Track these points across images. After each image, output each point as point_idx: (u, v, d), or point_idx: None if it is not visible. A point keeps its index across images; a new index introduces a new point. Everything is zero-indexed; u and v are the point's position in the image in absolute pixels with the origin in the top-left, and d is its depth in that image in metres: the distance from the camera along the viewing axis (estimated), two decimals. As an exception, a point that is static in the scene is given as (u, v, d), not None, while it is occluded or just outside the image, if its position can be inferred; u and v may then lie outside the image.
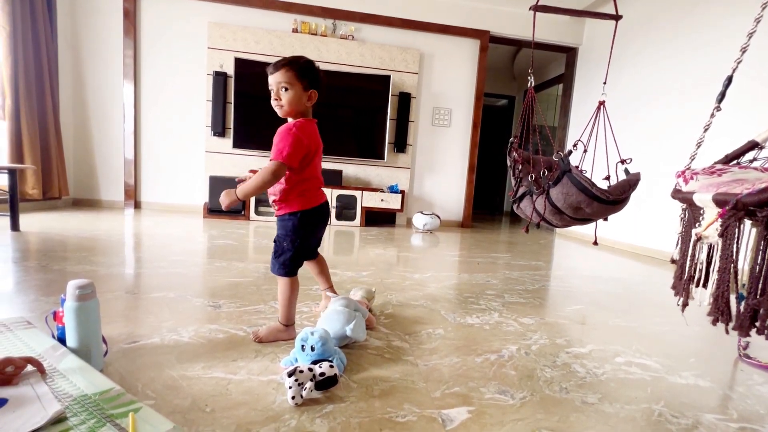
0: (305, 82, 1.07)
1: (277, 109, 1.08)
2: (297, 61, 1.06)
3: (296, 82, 1.06)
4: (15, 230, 2.38)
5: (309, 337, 0.95)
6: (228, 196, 1.05)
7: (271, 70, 1.06)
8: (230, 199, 1.05)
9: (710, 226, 0.95)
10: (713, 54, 2.75)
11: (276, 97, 1.07)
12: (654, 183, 2.97)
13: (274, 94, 1.07)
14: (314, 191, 1.15)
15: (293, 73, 1.05)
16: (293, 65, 1.05)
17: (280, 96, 1.06)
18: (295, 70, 1.05)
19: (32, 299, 1.32)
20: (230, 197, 1.05)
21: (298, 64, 1.06)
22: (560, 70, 4.70)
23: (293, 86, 1.05)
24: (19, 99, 3.04)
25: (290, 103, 1.06)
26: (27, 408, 0.65)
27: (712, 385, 1.06)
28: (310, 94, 1.10)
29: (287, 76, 1.05)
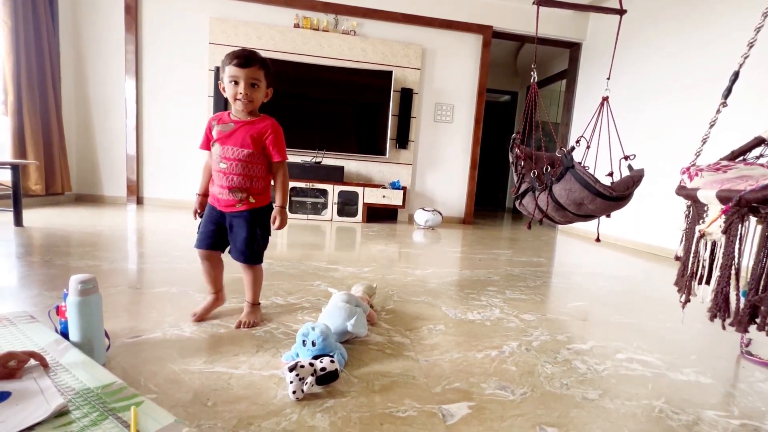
0: (269, 80, 1.12)
1: (243, 103, 1.09)
2: (264, 60, 1.11)
3: (263, 79, 1.10)
4: (18, 225, 2.39)
5: (310, 332, 0.96)
6: (284, 216, 1.17)
7: (242, 63, 1.06)
8: (286, 217, 1.18)
9: (714, 222, 0.94)
10: (718, 49, 2.72)
11: (245, 92, 1.07)
12: (658, 179, 2.95)
13: (242, 88, 1.07)
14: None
15: (264, 72, 1.09)
16: (264, 63, 1.09)
17: (248, 91, 1.08)
18: (265, 68, 1.10)
19: (35, 294, 1.33)
20: (285, 216, 1.18)
21: (266, 62, 1.11)
22: (563, 66, 4.66)
23: (261, 84, 1.10)
24: (21, 94, 3.04)
25: (258, 100, 1.11)
26: (30, 401, 0.66)
27: (713, 382, 1.06)
28: (268, 92, 1.15)
29: (259, 74, 1.08)
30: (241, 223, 1.15)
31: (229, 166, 1.11)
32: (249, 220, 1.15)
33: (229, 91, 1.09)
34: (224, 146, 1.11)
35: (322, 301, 1.44)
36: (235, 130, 1.12)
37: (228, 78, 1.07)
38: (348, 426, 0.76)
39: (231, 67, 1.06)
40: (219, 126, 1.13)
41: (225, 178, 1.12)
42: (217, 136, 1.13)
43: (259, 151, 1.13)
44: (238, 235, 1.16)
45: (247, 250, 1.16)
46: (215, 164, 1.14)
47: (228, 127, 1.12)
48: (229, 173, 1.12)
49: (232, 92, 1.08)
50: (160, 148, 3.82)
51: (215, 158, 1.14)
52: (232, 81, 1.07)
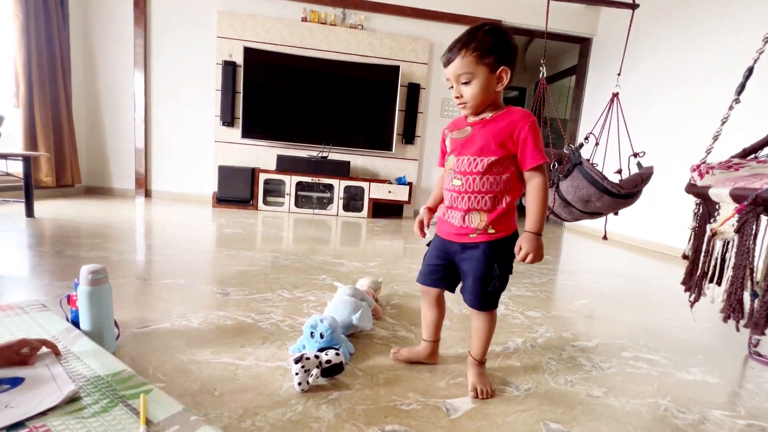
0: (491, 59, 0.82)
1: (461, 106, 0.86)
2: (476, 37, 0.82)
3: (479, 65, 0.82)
4: (30, 216, 2.43)
5: (318, 324, 0.96)
6: (535, 246, 0.82)
7: (444, 61, 0.86)
8: (540, 246, 0.83)
9: (726, 221, 0.93)
10: (731, 45, 2.66)
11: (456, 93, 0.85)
12: (667, 177, 2.91)
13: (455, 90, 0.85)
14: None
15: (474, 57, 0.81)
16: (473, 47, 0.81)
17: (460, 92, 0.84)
18: (479, 50, 0.81)
19: (46, 283, 1.35)
20: (539, 244, 0.83)
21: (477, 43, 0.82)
22: (573, 61, 4.60)
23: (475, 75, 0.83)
24: (32, 87, 3.08)
25: (475, 97, 0.84)
26: (43, 387, 0.67)
27: (720, 382, 1.05)
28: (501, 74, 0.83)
29: (467, 65, 0.82)
30: (478, 258, 0.87)
31: (465, 181, 0.86)
32: (487, 253, 0.86)
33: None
34: (459, 157, 0.87)
35: (327, 295, 1.45)
36: (473, 135, 0.86)
37: (447, 81, 0.86)
38: (352, 418, 0.76)
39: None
40: (454, 133, 0.90)
41: (460, 198, 0.87)
42: (452, 146, 0.90)
43: (502, 155, 0.83)
44: (473, 273, 0.88)
45: (480, 291, 0.88)
46: (447, 180, 0.90)
47: (465, 132, 0.87)
48: (464, 191, 0.86)
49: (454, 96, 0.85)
50: (168, 141, 3.85)
51: (448, 173, 0.90)
52: (449, 85, 0.86)
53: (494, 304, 0.90)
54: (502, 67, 0.81)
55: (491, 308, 0.91)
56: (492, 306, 0.90)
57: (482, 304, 0.89)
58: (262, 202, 3.68)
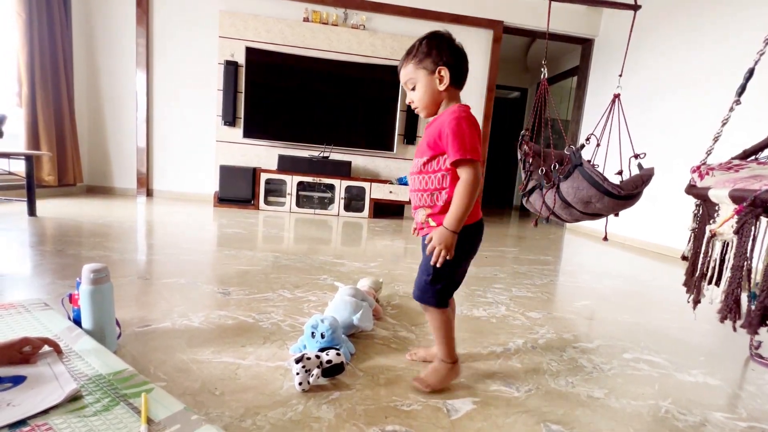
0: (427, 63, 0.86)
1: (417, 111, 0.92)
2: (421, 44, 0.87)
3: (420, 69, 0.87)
4: (32, 215, 2.43)
5: (319, 324, 0.97)
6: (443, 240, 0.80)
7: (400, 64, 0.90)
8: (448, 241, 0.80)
9: (725, 222, 0.93)
10: (732, 46, 2.66)
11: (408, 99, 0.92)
12: (668, 178, 2.91)
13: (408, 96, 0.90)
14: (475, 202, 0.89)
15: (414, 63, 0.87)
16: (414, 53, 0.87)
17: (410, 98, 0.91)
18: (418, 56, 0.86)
19: (48, 282, 1.36)
20: (446, 239, 0.80)
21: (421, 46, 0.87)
22: (575, 62, 4.60)
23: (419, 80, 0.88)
24: (35, 86, 3.09)
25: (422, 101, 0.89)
26: (45, 386, 0.68)
27: (721, 384, 1.05)
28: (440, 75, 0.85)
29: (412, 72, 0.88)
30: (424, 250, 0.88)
31: (413, 180, 0.92)
32: (424, 247, 0.87)
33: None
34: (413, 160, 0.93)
35: (328, 295, 1.45)
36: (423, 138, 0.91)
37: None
38: (353, 418, 0.77)
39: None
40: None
41: (413, 196, 0.93)
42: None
43: (438, 153, 0.85)
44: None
45: (417, 282, 0.90)
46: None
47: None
48: (414, 189, 0.92)
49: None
50: (169, 141, 3.86)
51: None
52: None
53: (430, 300, 0.88)
54: (440, 67, 0.84)
55: (427, 303, 0.89)
56: (426, 300, 0.89)
57: (417, 295, 0.90)
58: (264, 202, 3.68)
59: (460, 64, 0.87)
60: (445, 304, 0.90)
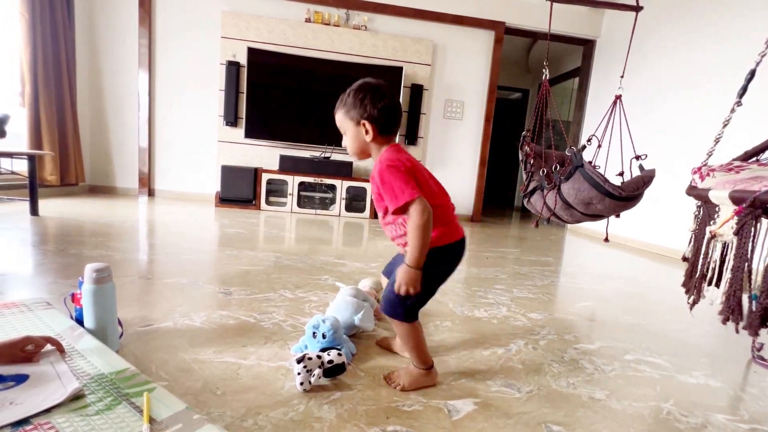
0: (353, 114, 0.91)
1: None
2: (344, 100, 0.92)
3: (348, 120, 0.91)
4: (34, 215, 2.44)
5: (321, 324, 0.97)
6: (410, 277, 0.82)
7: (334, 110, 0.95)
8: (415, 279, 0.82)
9: (725, 223, 0.93)
10: (734, 48, 2.65)
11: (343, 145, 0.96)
12: (669, 179, 2.90)
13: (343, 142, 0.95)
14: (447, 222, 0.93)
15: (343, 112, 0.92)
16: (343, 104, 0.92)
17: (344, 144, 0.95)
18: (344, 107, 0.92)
19: (50, 281, 1.36)
20: (412, 277, 0.82)
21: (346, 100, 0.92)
22: (576, 63, 4.59)
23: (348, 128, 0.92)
24: (37, 86, 3.10)
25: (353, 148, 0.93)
26: (48, 385, 0.68)
27: (723, 386, 1.05)
28: (367, 128, 0.89)
29: (340, 121, 0.93)
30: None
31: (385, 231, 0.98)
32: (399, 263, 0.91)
33: None
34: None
35: (329, 295, 1.46)
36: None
37: None
38: (354, 418, 0.77)
39: None
40: None
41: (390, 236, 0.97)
42: None
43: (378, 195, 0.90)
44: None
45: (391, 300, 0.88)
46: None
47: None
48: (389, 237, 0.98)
49: None
50: (171, 141, 3.86)
51: None
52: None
53: (400, 316, 0.87)
54: (363, 121, 0.89)
55: (397, 318, 0.88)
56: (396, 316, 0.88)
57: (386, 309, 0.89)
58: (265, 202, 3.69)
59: (387, 115, 0.89)
60: (415, 318, 0.89)
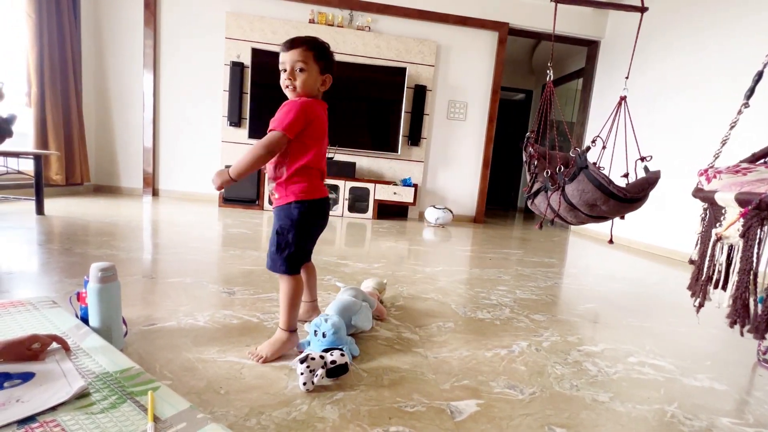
0: (322, 64, 0.98)
1: (288, 90, 0.98)
2: (315, 41, 0.98)
3: (313, 63, 0.96)
4: (40, 214, 2.46)
5: (322, 323, 0.97)
6: (220, 176, 0.93)
7: (287, 46, 0.95)
8: (222, 179, 0.93)
9: (731, 226, 0.92)
10: (740, 49, 2.64)
11: (290, 77, 0.96)
12: (674, 181, 2.89)
13: (288, 74, 0.96)
14: (317, 182, 1.02)
15: (312, 53, 0.96)
16: (312, 44, 0.96)
17: (295, 76, 0.96)
18: (314, 50, 0.96)
19: (56, 280, 1.37)
20: (222, 177, 0.93)
21: (317, 44, 0.97)
22: (581, 64, 4.58)
23: (310, 67, 0.96)
24: (44, 86, 3.12)
25: (304, 85, 0.96)
26: (53, 383, 0.68)
27: (728, 389, 1.04)
28: (324, 79, 0.99)
29: (305, 56, 0.95)
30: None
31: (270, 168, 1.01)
32: (274, 216, 1.01)
33: (281, 81, 0.98)
34: None
35: (332, 296, 1.46)
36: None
37: (280, 66, 0.97)
38: (357, 418, 0.77)
39: (280, 54, 0.97)
40: None
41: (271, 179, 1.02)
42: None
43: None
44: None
45: (272, 254, 0.99)
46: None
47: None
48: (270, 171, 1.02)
49: (281, 81, 0.98)
50: (175, 141, 3.89)
51: None
52: (281, 69, 0.97)
53: (281, 268, 0.98)
54: (328, 74, 1.00)
55: (278, 271, 0.99)
56: (278, 269, 0.98)
57: (269, 264, 1.00)
58: (268, 202, 3.70)
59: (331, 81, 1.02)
60: (297, 271, 1.00)
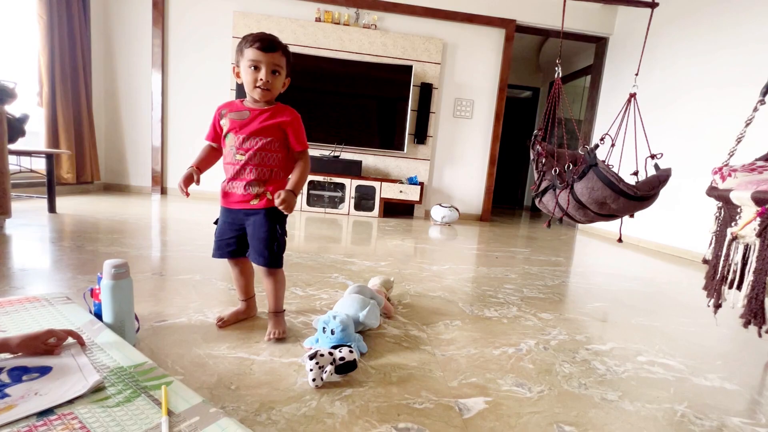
0: (288, 68, 1.03)
1: (259, 90, 0.99)
2: (286, 46, 1.02)
3: (285, 67, 1.01)
4: (52, 212, 2.50)
5: (331, 320, 0.98)
6: (291, 199, 0.97)
7: (266, 47, 0.96)
8: (293, 201, 0.98)
9: (747, 225, 0.91)
10: (754, 44, 2.59)
11: (266, 78, 0.97)
12: (685, 179, 2.85)
13: (264, 75, 0.97)
14: None
15: (284, 58, 1.00)
16: (286, 49, 1.01)
17: (269, 78, 0.98)
18: (286, 55, 1.01)
19: (69, 277, 1.40)
20: (292, 200, 0.98)
21: (287, 49, 1.02)
22: (588, 61, 4.53)
23: (282, 71, 1.00)
24: (55, 86, 3.17)
25: (277, 89, 1.01)
26: (70, 377, 0.70)
27: (739, 389, 1.03)
28: (286, 82, 1.06)
29: (281, 60, 0.99)
30: (259, 222, 1.04)
31: (248, 157, 1.01)
32: (267, 217, 1.04)
33: (248, 76, 0.98)
34: (238, 135, 1.01)
35: (339, 293, 1.47)
36: (252, 119, 1.01)
37: (247, 62, 0.97)
38: (366, 415, 0.77)
39: (252, 50, 0.96)
40: (232, 114, 1.03)
41: (242, 171, 1.02)
42: (230, 126, 1.02)
43: (278, 139, 1.03)
44: (257, 235, 1.04)
45: (266, 252, 1.03)
46: (229, 156, 1.04)
47: (243, 115, 1.02)
48: (247, 164, 1.02)
49: (251, 78, 0.98)
50: (183, 140, 3.92)
51: (229, 149, 1.04)
52: (252, 66, 0.97)
53: (280, 263, 1.07)
54: (289, 78, 1.06)
55: (279, 266, 1.07)
56: (279, 264, 1.07)
57: (270, 263, 1.05)
58: (275, 201, 3.71)
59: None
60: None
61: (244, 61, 0.98)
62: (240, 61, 0.99)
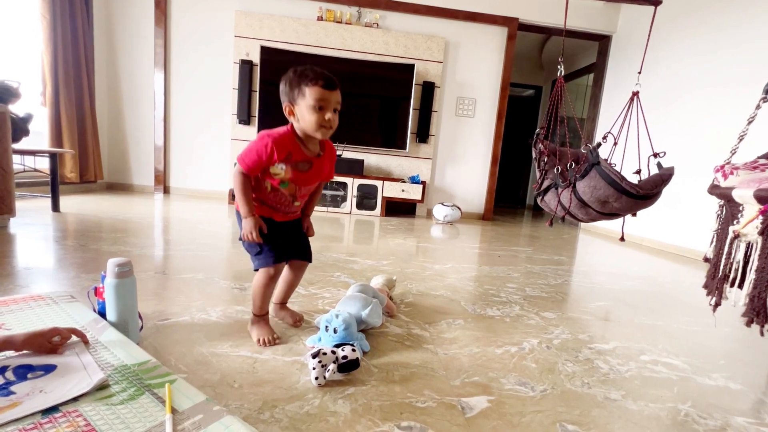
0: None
1: (324, 129, 0.95)
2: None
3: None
4: (55, 211, 2.52)
5: (333, 319, 0.98)
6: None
7: (331, 85, 0.93)
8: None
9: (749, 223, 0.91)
10: (757, 42, 2.57)
11: (332, 118, 0.94)
12: (688, 178, 2.84)
13: (330, 114, 0.93)
14: None
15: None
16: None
17: (333, 117, 0.94)
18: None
19: (72, 275, 1.41)
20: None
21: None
22: (591, 60, 4.52)
23: (339, 108, 0.97)
24: (58, 86, 3.18)
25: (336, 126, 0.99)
26: (74, 375, 0.70)
27: (743, 388, 1.02)
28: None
29: (340, 97, 0.97)
30: (298, 226, 1.16)
31: (303, 201, 1.11)
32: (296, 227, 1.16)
33: (311, 116, 0.92)
34: (300, 186, 1.02)
35: (342, 292, 1.47)
36: (314, 171, 1.03)
37: (312, 102, 0.91)
38: (369, 413, 0.77)
39: (317, 89, 0.91)
40: (294, 164, 0.99)
41: (297, 208, 1.10)
42: (291, 176, 0.99)
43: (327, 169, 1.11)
44: (302, 237, 1.16)
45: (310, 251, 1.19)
46: (282, 198, 1.03)
47: (305, 167, 1.01)
48: (302, 203, 1.11)
49: (316, 118, 0.92)
50: (186, 139, 3.93)
51: (283, 194, 1.02)
52: (318, 106, 0.92)
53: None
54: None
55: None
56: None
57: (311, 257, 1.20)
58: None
59: None
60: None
61: (305, 99, 0.92)
62: (296, 99, 0.93)
